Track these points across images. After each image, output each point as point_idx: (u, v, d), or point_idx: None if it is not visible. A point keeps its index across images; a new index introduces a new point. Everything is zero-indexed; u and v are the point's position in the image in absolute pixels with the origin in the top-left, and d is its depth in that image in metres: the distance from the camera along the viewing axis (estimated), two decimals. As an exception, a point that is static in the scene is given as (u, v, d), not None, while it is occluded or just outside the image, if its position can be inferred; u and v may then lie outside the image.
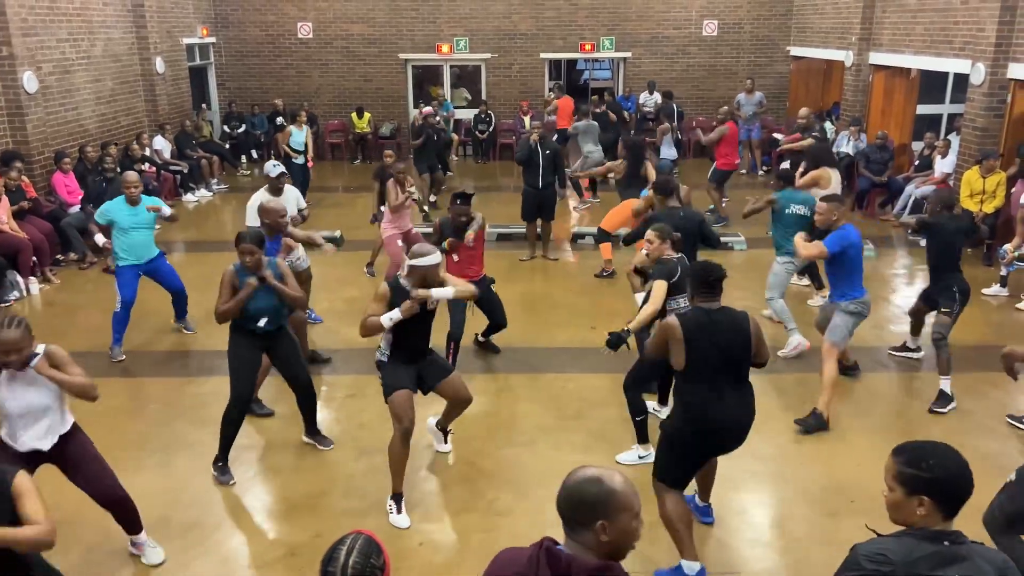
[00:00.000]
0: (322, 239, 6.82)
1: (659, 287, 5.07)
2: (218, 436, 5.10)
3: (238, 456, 5.32)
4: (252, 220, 6.51)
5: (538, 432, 5.71)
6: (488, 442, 5.58)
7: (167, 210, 7.22)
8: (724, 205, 11.71)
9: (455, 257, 6.45)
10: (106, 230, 7.14)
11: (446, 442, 5.46)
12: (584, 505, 2.08)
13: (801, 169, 8.91)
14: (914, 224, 6.61)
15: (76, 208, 9.90)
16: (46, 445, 3.87)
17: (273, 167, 7.14)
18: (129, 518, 4.20)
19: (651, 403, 5.72)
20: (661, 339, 4.02)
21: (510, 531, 4.54)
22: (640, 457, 5.20)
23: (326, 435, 5.57)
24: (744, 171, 14.35)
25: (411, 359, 4.73)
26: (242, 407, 5.09)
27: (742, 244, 10.06)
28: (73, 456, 3.96)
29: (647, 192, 7.61)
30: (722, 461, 4.49)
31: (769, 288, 7.15)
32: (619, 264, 8.75)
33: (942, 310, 6.06)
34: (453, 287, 4.70)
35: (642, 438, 5.27)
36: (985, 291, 8.29)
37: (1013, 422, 5.69)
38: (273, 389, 6.04)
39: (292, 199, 7.19)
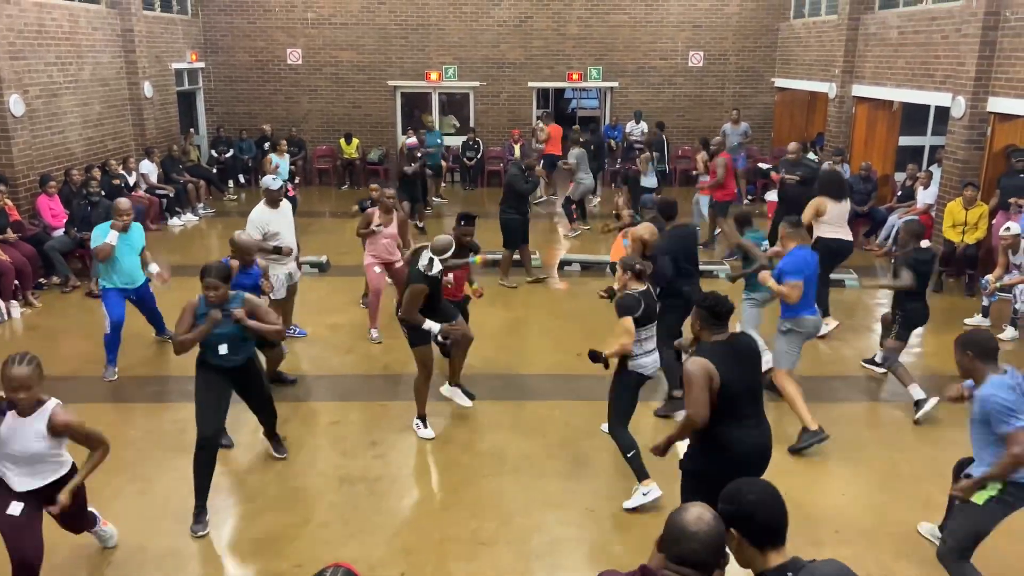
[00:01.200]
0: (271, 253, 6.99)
1: (624, 323, 4.83)
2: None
3: (217, 483, 5.24)
4: (254, 232, 6.88)
5: (522, 460, 5.67)
6: (471, 470, 5.53)
7: (153, 267, 7.26)
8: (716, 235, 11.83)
9: (450, 279, 6.55)
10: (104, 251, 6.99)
11: (469, 396, 6.45)
12: (722, 547, 2.27)
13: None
14: (895, 267, 6.57)
15: (60, 231, 9.83)
16: (37, 484, 3.88)
17: (272, 180, 7.26)
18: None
19: None
20: (704, 386, 3.75)
21: (493, 561, 4.49)
22: (644, 494, 4.94)
23: (285, 448, 5.73)
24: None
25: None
26: (210, 448, 4.84)
27: (726, 270, 10.09)
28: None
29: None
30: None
31: (742, 324, 6.90)
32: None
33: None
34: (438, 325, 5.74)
35: (641, 474, 5.00)
36: (967, 321, 8.34)
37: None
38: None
39: (288, 213, 7.36)
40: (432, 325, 5.68)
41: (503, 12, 16.36)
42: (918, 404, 6.27)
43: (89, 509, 4.37)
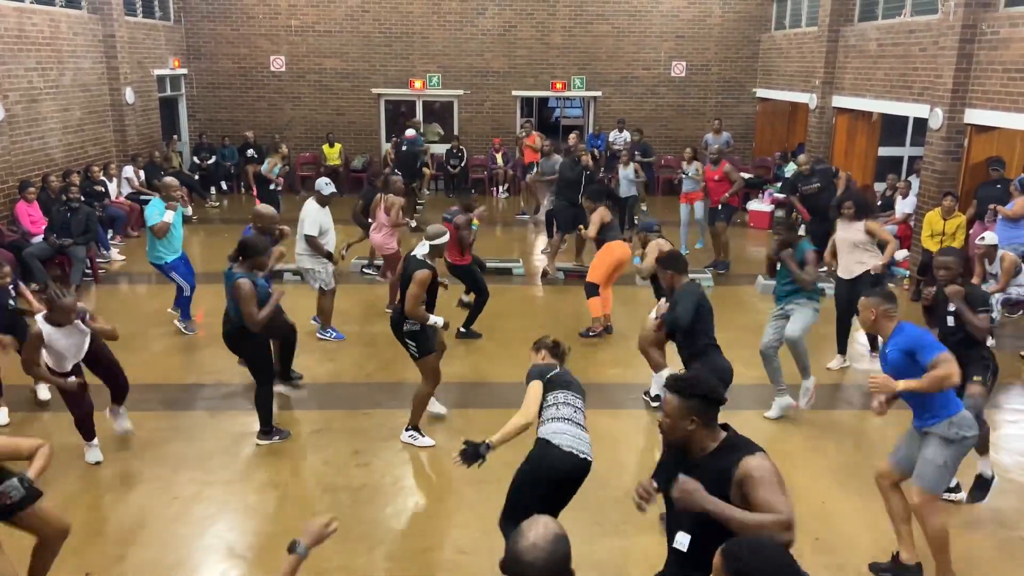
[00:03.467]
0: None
1: (535, 387, 4.22)
2: (182, 467, 4.99)
3: (198, 493, 5.22)
4: (313, 228, 7.69)
5: (506, 468, 5.61)
6: (454, 478, 5.52)
7: (187, 209, 8.43)
8: (699, 246, 11.93)
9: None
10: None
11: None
12: (562, 565, 2.12)
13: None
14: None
15: (39, 238, 9.74)
16: (80, 357, 5.49)
17: (326, 184, 7.96)
18: (121, 392, 5.92)
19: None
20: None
21: (475, 570, 4.49)
22: None
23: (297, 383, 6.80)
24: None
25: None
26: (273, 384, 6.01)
27: (708, 281, 10.16)
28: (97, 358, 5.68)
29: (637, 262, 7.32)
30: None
31: (766, 336, 6.59)
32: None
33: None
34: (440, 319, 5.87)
35: None
36: (945, 329, 8.43)
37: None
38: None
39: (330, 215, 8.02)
40: (437, 320, 5.78)
41: (487, 21, 16.42)
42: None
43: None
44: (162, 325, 8.34)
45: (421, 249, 5.85)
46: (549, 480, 4.02)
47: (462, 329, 8.23)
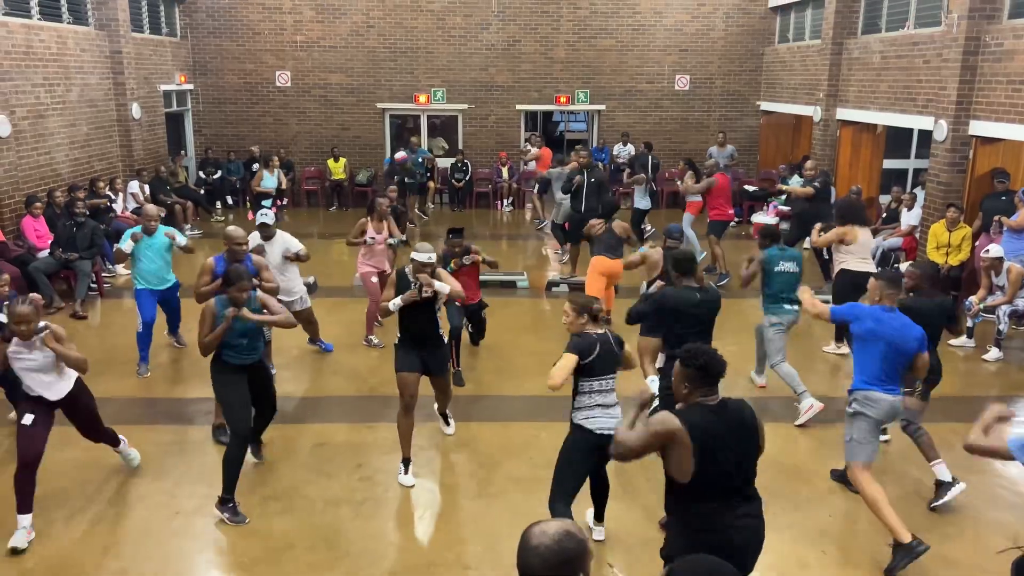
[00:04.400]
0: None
1: (568, 360, 4.37)
2: (184, 481, 4.98)
3: (200, 507, 5.19)
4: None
5: (509, 482, 5.64)
6: (457, 492, 5.49)
7: (181, 239, 7.63)
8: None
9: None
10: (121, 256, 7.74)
11: (448, 424, 6.33)
12: (567, 564, 2.07)
13: (820, 226, 8.32)
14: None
15: (45, 252, 9.77)
16: (52, 396, 4.91)
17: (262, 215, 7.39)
18: (109, 440, 5.49)
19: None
20: (656, 441, 3.29)
21: (478, 585, 4.45)
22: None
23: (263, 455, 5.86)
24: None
25: (416, 344, 5.51)
26: (243, 445, 5.16)
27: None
28: (75, 409, 5.17)
29: (644, 249, 7.60)
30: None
31: (770, 356, 6.76)
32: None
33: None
34: (448, 285, 5.47)
35: None
36: (952, 342, 8.39)
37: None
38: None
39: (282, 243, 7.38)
40: (396, 299, 5.32)
41: (491, 36, 16.50)
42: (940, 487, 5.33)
43: (109, 427, 5.45)
44: (164, 339, 8.34)
45: (409, 264, 5.57)
46: (590, 450, 4.48)
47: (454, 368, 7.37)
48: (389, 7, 16.28)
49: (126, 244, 7.37)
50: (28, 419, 4.80)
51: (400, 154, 13.52)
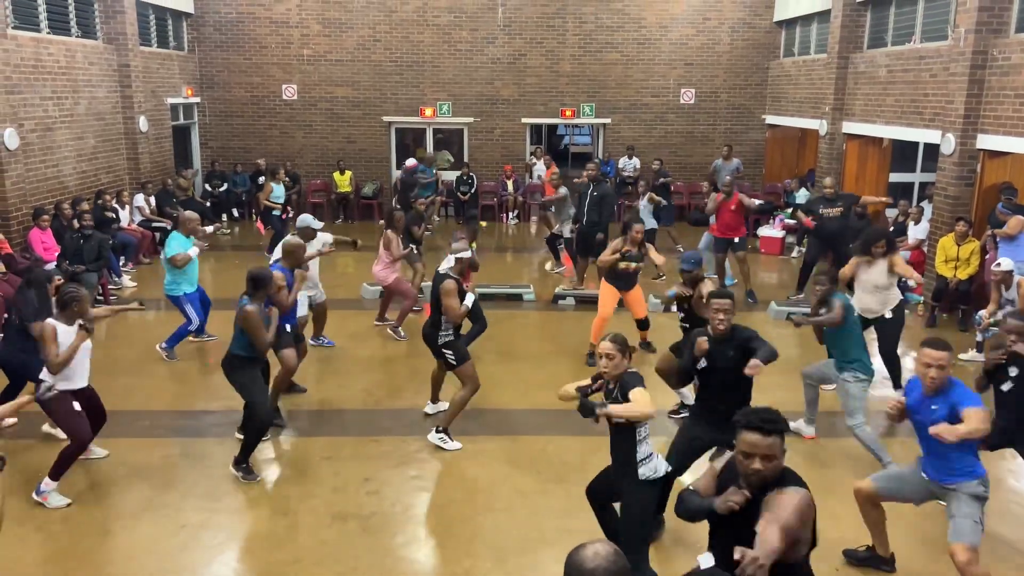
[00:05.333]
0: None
1: (643, 396, 3.98)
2: (191, 494, 4.94)
3: (207, 520, 5.16)
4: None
5: (517, 496, 5.59)
6: (465, 507, 5.45)
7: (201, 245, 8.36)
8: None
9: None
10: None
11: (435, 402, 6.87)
12: None
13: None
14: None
15: (52, 265, 9.77)
16: (85, 381, 5.57)
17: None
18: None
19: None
20: (806, 519, 2.89)
21: (487, 601, 4.40)
22: None
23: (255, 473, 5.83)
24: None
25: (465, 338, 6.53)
26: (269, 422, 5.95)
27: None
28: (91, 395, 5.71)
29: (673, 292, 6.68)
30: (698, 532, 4.38)
31: (851, 415, 5.92)
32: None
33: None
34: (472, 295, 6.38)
35: None
36: (962, 356, 8.33)
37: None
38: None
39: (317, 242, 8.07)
40: (469, 297, 6.17)
41: (497, 50, 16.56)
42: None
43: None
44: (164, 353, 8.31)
45: (447, 264, 6.32)
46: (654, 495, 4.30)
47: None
48: (395, 21, 16.36)
49: (192, 250, 8.05)
50: (76, 406, 5.42)
51: (410, 161, 13.74)
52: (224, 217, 15.58)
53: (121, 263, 11.44)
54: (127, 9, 12.98)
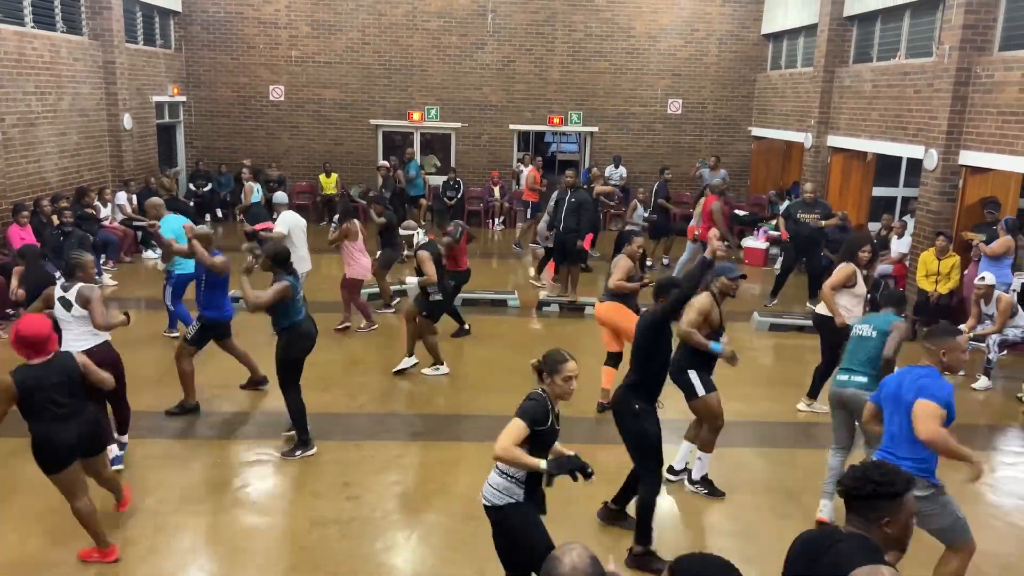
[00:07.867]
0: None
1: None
2: (168, 498, 4.86)
3: (183, 523, 5.09)
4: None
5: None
6: (447, 513, 5.40)
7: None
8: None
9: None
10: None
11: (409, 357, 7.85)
12: None
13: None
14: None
15: (31, 261, 9.65)
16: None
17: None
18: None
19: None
20: None
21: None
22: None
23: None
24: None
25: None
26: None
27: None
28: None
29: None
30: (691, 535, 4.39)
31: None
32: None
33: None
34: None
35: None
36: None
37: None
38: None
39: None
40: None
41: (486, 56, 16.58)
42: None
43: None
44: (152, 350, 8.24)
45: (418, 238, 7.85)
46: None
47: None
48: (385, 25, 16.34)
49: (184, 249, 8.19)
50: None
51: (383, 161, 13.90)
52: (207, 217, 15.47)
53: (102, 261, 11.31)
54: (113, 5, 12.88)
